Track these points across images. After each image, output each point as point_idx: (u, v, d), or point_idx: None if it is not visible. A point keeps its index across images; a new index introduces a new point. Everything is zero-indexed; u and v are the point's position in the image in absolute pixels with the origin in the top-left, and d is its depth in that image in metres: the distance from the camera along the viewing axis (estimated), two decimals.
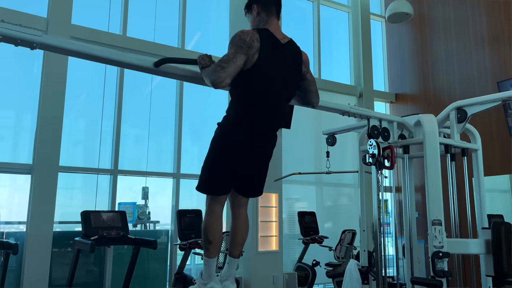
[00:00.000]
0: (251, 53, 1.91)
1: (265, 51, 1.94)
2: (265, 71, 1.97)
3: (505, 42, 5.80)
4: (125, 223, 4.61)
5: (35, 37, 1.50)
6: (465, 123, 2.62)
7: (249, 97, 1.99)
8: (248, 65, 1.92)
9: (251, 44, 1.91)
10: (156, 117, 5.86)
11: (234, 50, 1.89)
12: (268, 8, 2.10)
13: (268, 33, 2.03)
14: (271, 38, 2.02)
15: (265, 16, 2.09)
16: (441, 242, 2.35)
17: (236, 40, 1.94)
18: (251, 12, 2.14)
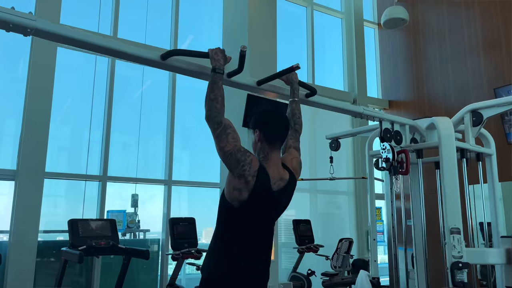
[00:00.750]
0: (249, 175, 1.73)
1: (257, 195, 1.75)
2: (257, 211, 1.80)
3: (501, 48, 5.79)
4: (115, 232, 4.39)
5: (29, 21, 1.32)
6: (480, 127, 2.51)
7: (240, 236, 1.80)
8: (243, 194, 1.74)
9: (249, 172, 1.73)
10: (147, 121, 5.66)
11: (233, 138, 1.77)
12: (271, 140, 1.87)
13: (265, 177, 1.79)
14: (264, 187, 1.79)
15: (266, 147, 1.86)
16: (460, 252, 2.22)
17: (242, 148, 1.78)
18: (253, 133, 1.94)
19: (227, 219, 1.81)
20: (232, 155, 1.72)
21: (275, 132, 1.88)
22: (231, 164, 1.73)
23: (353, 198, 6.90)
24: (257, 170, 1.75)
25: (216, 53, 1.78)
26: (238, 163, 1.71)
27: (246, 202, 1.73)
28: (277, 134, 1.88)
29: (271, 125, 1.89)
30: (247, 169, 1.71)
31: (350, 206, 6.86)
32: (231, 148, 1.73)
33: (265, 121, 1.90)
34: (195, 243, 4.81)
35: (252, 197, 1.73)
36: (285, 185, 1.87)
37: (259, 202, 1.77)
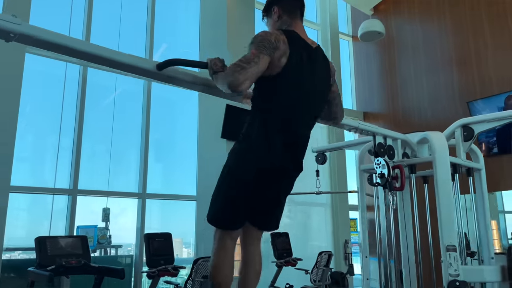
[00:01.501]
0: (277, 56, 1.62)
1: (295, 55, 1.66)
2: (296, 79, 1.68)
3: (472, 63, 5.95)
4: (86, 249, 4.13)
5: (13, 25, 1.16)
6: (471, 142, 2.50)
7: (278, 109, 1.67)
8: (274, 70, 1.63)
9: (277, 45, 1.63)
10: (119, 131, 5.43)
11: (256, 50, 1.60)
12: (291, 10, 1.83)
13: (296, 35, 1.75)
14: (300, 41, 1.74)
15: (288, 18, 1.82)
16: (456, 270, 2.18)
17: (258, 40, 1.65)
18: (270, 16, 1.85)
19: (267, 85, 1.68)
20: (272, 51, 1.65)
21: (294, 1, 1.84)
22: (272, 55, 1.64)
23: (329, 210, 6.88)
24: (283, 33, 1.69)
25: (215, 64, 1.69)
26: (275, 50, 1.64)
27: (285, 66, 1.65)
28: (296, 3, 1.84)
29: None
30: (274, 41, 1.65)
31: (327, 218, 6.84)
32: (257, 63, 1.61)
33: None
34: (172, 260, 4.61)
35: (292, 61, 1.65)
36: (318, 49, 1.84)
37: (298, 57, 1.69)
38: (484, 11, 5.89)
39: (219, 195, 1.77)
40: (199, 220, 5.57)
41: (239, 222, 1.77)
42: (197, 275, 4.11)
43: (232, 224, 1.75)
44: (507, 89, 5.48)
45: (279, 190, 1.81)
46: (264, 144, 1.65)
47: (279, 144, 1.67)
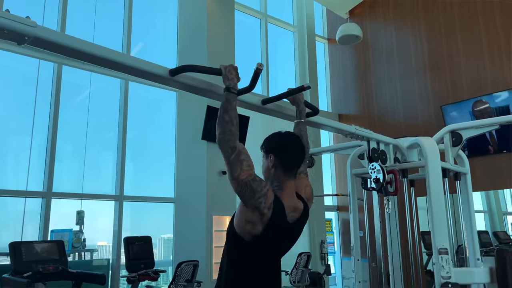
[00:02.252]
0: (265, 208, 1.55)
1: (271, 229, 1.59)
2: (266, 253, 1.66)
3: (445, 68, 6.16)
4: (63, 254, 3.99)
5: (28, 27, 1.09)
6: (459, 147, 2.58)
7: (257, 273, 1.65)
8: (257, 227, 1.57)
9: (265, 204, 1.55)
10: (94, 131, 5.26)
11: (249, 166, 1.56)
12: (287, 168, 1.68)
13: (280, 209, 1.62)
14: (280, 219, 1.63)
15: (281, 175, 1.68)
16: (448, 272, 2.25)
17: (256, 178, 1.57)
18: (266, 157, 1.74)
19: (237, 253, 1.64)
20: (247, 185, 1.52)
21: (292, 158, 1.70)
22: (245, 195, 1.54)
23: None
24: (272, 201, 1.58)
25: (229, 71, 1.60)
26: (253, 194, 1.53)
27: (260, 236, 1.57)
28: (294, 160, 1.70)
29: (289, 150, 1.70)
30: (263, 201, 1.54)
31: None
32: (246, 177, 1.53)
33: (282, 145, 1.71)
34: (152, 264, 4.52)
35: (267, 230, 1.57)
36: (299, 216, 1.71)
37: (274, 235, 1.62)
38: (457, 13, 6.09)
39: None
40: (178, 222, 5.48)
41: None
42: (180, 279, 4.05)
43: None
44: (477, 94, 5.70)
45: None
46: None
47: None
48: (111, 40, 5.64)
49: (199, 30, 5.64)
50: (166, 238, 5.81)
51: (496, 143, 5.44)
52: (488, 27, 5.75)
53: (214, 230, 5.07)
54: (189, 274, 4.18)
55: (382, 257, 2.76)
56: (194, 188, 5.31)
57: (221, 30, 5.73)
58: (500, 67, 5.59)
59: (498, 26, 5.65)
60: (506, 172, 5.43)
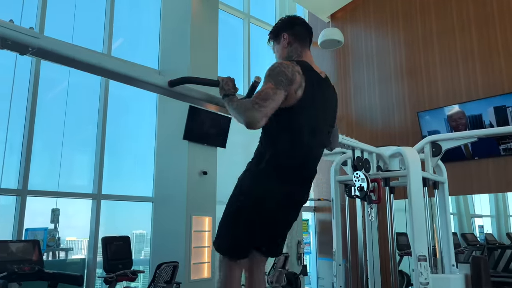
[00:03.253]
0: (293, 89, 1.62)
1: (309, 87, 1.66)
2: (311, 110, 1.70)
3: (422, 75, 6.34)
4: (39, 254, 3.91)
5: (31, 38, 1.08)
6: (439, 157, 2.68)
7: (294, 138, 1.67)
8: (290, 101, 1.63)
9: (293, 78, 1.62)
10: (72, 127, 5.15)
11: (273, 85, 1.58)
12: (301, 38, 1.82)
13: (308, 66, 1.74)
14: (313, 73, 1.74)
15: (298, 46, 1.80)
16: (426, 279, 2.34)
17: (275, 73, 1.62)
18: (279, 41, 1.83)
19: (280, 119, 1.65)
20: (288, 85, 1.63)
21: (303, 30, 1.84)
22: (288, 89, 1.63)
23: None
24: (297, 65, 1.68)
25: (226, 83, 1.63)
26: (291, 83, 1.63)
27: (302, 98, 1.65)
28: (305, 32, 1.84)
29: (298, 24, 1.84)
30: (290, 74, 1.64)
31: None
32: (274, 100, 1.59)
33: (292, 22, 1.85)
34: (130, 264, 4.48)
35: (307, 93, 1.66)
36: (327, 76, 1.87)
37: (313, 90, 1.69)
38: (435, 24, 6.28)
39: (233, 225, 1.72)
40: (156, 222, 5.44)
41: (250, 252, 1.76)
42: (159, 280, 4.03)
43: (243, 254, 1.74)
44: (451, 102, 5.90)
45: (289, 220, 1.83)
46: (281, 174, 1.65)
47: (295, 175, 1.69)
48: (92, 35, 5.53)
49: (182, 28, 5.60)
50: (138, 234, 5.75)
51: (470, 151, 5.64)
52: (463, 39, 5.96)
53: (193, 230, 5.06)
54: (169, 275, 4.17)
55: (363, 260, 2.84)
56: (174, 187, 5.28)
57: (205, 28, 5.71)
58: (473, 77, 5.80)
59: (473, 39, 5.86)
60: (475, 178, 5.65)
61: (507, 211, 5.78)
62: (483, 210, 6.01)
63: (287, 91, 1.60)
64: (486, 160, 5.54)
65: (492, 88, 5.57)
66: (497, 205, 5.83)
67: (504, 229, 5.83)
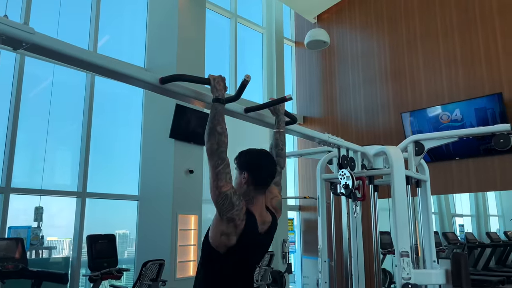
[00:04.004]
0: (230, 215, 1.64)
1: (245, 239, 1.68)
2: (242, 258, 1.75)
3: (406, 76, 6.46)
4: (23, 252, 3.88)
5: (26, 34, 1.10)
6: (422, 156, 2.76)
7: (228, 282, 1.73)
8: (229, 240, 1.66)
9: (239, 216, 1.64)
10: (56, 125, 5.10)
11: (235, 191, 1.66)
12: (259, 184, 1.78)
13: (252, 224, 1.72)
14: (253, 230, 1.72)
15: (252, 191, 1.77)
16: (408, 274, 2.40)
17: (237, 196, 1.65)
18: (240, 173, 1.82)
19: (212, 266, 1.71)
20: (227, 197, 1.60)
21: (264, 177, 1.80)
22: (224, 206, 1.61)
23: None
24: (245, 213, 1.67)
25: (218, 82, 1.66)
26: (232, 207, 1.61)
27: (234, 247, 1.65)
28: (266, 178, 1.81)
29: (262, 169, 1.80)
30: (239, 213, 1.63)
31: None
32: (229, 189, 1.61)
33: (256, 165, 1.81)
34: (116, 262, 4.46)
35: (241, 242, 1.65)
36: (268, 227, 1.82)
37: (247, 246, 1.70)
38: (418, 26, 6.41)
39: None
40: (142, 220, 5.43)
41: None
42: (145, 278, 4.03)
43: None
44: (434, 104, 6.03)
45: None
46: None
47: None
48: (77, 32, 5.49)
49: (169, 26, 5.60)
50: (121, 234, 5.72)
51: (451, 151, 5.78)
52: (446, 44, 6.09)
53: (179, 228, 5.07)
54: (155, 273, 4.17)
55: (348, 257, 2.90)
56: (160, 186, 5.27)
57: (192, 26, 5.72)
58: (455, 80, 5.94)
59: (456, 43, 6.00)
60: (456, 177, 5.79)
61: (487, 211, 5.93)
62: (464, 210, 6.15)
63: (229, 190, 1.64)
64: (466, 160, 5.68)
65: (473, 90, 5.72)
66: (477, 205, 5.97)
67: (483, 229, 5.97)
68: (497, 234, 5.77)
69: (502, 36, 5.59)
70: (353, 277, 3.03)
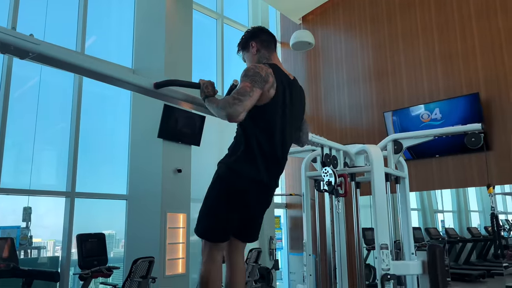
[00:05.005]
0: (266, 88, 1.83)
1: (280, 87, 1.89)
2: (281, 107, 1.91)
3: (388, 76, 6.64)
4: (13, 252, 3.93)
5: (32, 45, 1.19)
6: (400, 154, 2.91)
7: (266, 132, 1.88)
8: (263, 100, 1.84)
9: (267, 78, 1.83)
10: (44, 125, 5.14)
11: (250, 83, 1.78)
12: (267, 44, 2.06)
13: (278, 69, 1.97)
14: (282, 74, 1.97)
15: (266, 52, 2.05)
16: (388, 265, 2.55)
17: (250, 74, 1.82)
18: (248, 50, 2.06)
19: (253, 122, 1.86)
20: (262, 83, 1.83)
21: (269, 37, 2.08)
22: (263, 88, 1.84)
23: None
24: (269, 67, 1.89)
25: (206, 87, 1.82)
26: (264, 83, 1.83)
27: (274, 96, 1.85)
28: (271, 38, 2.08)
29: (264, 32, 2.08)
30: (264, 74, 1.84)
31: None
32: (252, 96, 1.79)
33: (257, 31, 2.09)
34: (105, 260, 4.53)
35: (278, 93, 1.86)
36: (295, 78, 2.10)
37: (283, 89, 1.91)
38: (400, 27, 6.60)
39: (211, 209, 1.90)
40: (131, 219, 5.50)
41: (229, 235, 1.92)
42: (135, 275, 4.12)
43: (223, 237, 1.90)
44: (415, 103, 6.22)
45: (262, 205, 2.00)
46: (254, 162, 1.83)
47: (266, 163, 1.86)
48: (65, 33, 5.52)
49: (156, 27, 5.67)
50: (108, 235, 5.77)
51: (431, 149, 5.98)
52: (426, 42, 6.29)
53: (168, 227, 5.15)
54: (144, 270, 4.26)
55: (331, 252, 3.04)
56: (148, 185, 5.35)
57: (179, 27, 5.80)
58: (435, 79, 6.15)
59: (435, 42, 6.20)
60: (436, 174, 5.99)
61: (468, 206, 6.13)
62: (446, 206, 6.33)
63: (262, 89, 1.81)
64: (446, 157, 5.89)
65: (452, 90, 5.93)
66: (459, 201, 6.17)
67: (464, 224, 6.16)
68: (477, 229, 5.96)
69: (479, 37, 5.80)
70: (336, 271, 3.17)
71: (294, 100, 2.02)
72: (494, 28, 5.67)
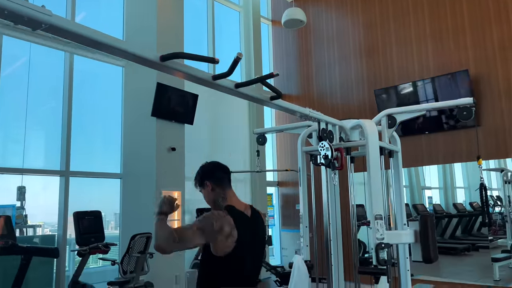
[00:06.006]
0: (220, 238, 1.91)
1: (242, 235, 1.95)
2: (245, 255, 1.99)
3: (379, 54, 6.69)
4: (11, 229, 3.97)
5: (45, 16, 1.21)
6: (394, 129, 2.98)
7: (236, 275, 1.98)
8: (222, 250, 1.92)
9: (219, 229, 1.91)
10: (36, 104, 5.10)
11: (196, 229, 1.91)
12: (221, 182, 2.13)
13: (237, 212, 2.03)
14: (241, 218, 2.03)
15: (221, 191, 2.11)
16: (382, 235, 2.65)
17: (204, 220, 1.95)
18: (204, 187, 2.13)
19: (217, 268, 1.96)
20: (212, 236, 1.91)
21: (221, 173, 2.15)
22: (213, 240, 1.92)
23: (248, 186, 7.27)
24: (228, 214, 1.97)
25: (165, 203, 2.04)
26: (216, 234, 1.91)
27: (236, 247, 1.93)
28: (224, 174, 2.16)
29: (215, 171, 2.16)
30: (216, 228, 1.91)
31: (246, 194, 7.23)
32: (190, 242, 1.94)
33: (209, 171, 2.16)
34: (103, 237, 4.59)
35: (239, 240, 1.93)
36: (251, 212, 2.15)
37: (243, 234, 1.97)
38: (391, 4, 6.62)
39: None
40: (125, 198, 5.54)
41: None
42: (133, 251, 4.19)
43: None
44: (405, 80, 6.30)
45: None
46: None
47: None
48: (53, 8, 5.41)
49: (148, 6, 5.60)
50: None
51: (420, 126, 6.09)
52: (417, 21, 6.33)
53: None
54: (142, 246, 4.33)
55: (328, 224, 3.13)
56: (142, 163, 5.38)
57: (171, 5, 5.74)
58: (425, 57, 6.22)
59: (426, 20, 6.24)
60: (425, 151, 6.13)
61: (454, 183, 6.29)
62: (433, 183, 6.49)
63: (205, 239, 1.91)
64: (435, 134, 6.01)
65: (442, 67, 6.01)
66: (445, 178, 6.32)
67: (451, 200, 6.33)
68: (463, 205, 6.13)
69: (468, 14, 5.86)
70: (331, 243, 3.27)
71: (255, 237, 2.10)
72: (484, 5, 5.73)
